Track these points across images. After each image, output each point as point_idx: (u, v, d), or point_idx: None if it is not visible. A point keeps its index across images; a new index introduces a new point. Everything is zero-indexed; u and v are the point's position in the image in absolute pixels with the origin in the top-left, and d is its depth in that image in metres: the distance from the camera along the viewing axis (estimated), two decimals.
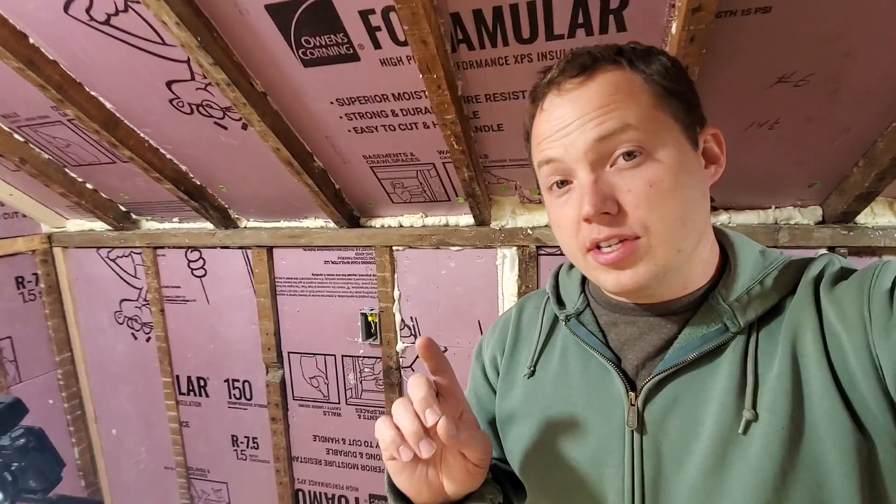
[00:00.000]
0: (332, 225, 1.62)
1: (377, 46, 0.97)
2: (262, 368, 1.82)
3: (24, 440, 1.11)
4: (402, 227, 1.55)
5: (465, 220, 1.50)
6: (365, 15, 0.91)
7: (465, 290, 1.54)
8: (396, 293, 1.60)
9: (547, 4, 0.85)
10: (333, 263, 1.66)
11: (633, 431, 0.49)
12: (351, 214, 1.57)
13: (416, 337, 1.62)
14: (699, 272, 0.50)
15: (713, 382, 0.47)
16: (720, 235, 0.54)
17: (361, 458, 1.78)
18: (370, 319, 1.64)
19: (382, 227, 1.57)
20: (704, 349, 0.47)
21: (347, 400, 1.75)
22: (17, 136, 1.47)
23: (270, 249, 1.72)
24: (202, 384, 1.93)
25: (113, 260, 1.94)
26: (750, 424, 0.43)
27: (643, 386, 0.49)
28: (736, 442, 0.44)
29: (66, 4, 0.99)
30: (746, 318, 0.47)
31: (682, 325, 0.50)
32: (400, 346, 1.64)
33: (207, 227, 1.76)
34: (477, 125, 1.15)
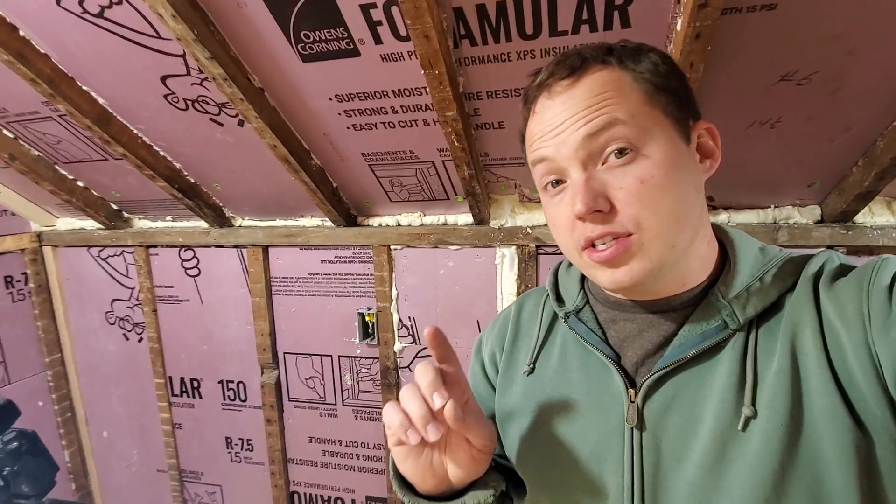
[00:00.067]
0: (328, 224, 1.60)
1: (378, 41, 0.95)
2: (256, 369, 1.79)
3: (16, 443, 1.08)
4: (400, 226, 1.54)
5: (463, 219, 1.49)
6: (366, 9, 0.89)
7: (463, 289, 1.53)
8: (394, 293, 1.59)
9: (552, 0, 0.84)
10: (330, 263, 1.65)
11: (632, 428, 0.49)
12: (348, 213, 1.55)
13: (414, 337, 1.61)
14: (697, 268, 0.50)
15: (713, 379, 0.47)
16: (719, 232, 0.54)
17: (358, 459, 1.77)
18: (367, 319, 1.63)
19: (380, 226, 1.55)
20: (704, 346, 0.47)
21: (344, 401, 1.73)
22: (6, 132, 1.44)
23: (266, 248, 1.70)
24: (195, 385, 1.90)
25: (104, 259, 1.91)
26: (749, 421, 0.44)
27: (643, 383, 0.49)
28: (735, 439, 0.44)
29: None
30: (746, 315, 0.47)
31: (681, 321, 0.50)
32: (398, 346, 1.62)
33: (202, 225, 1.74)
34: (477, 123, 1.14)
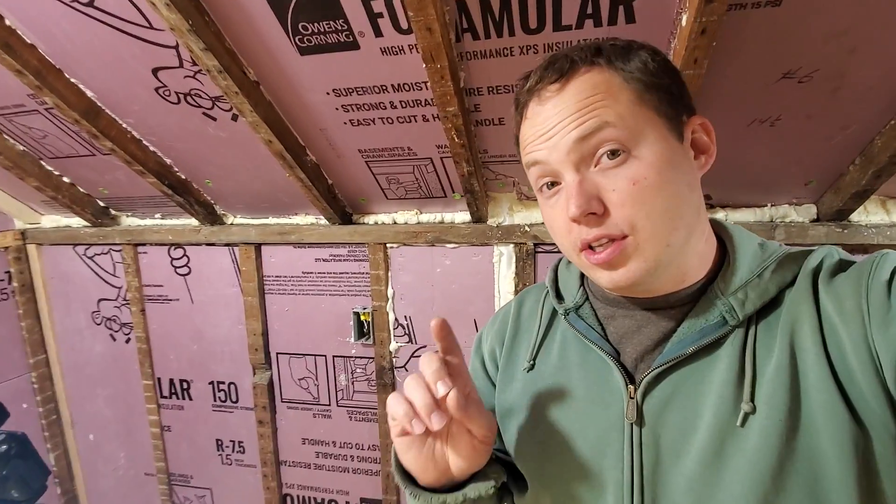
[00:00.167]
0: (323, 221, 1.58)
1: (378, 34, 0.93)
2: (248, 370, 1.76)
3: (5, 447, 1.03)
4: (396, 223, 1.52)
5: (460, 216, 1.47)
6: (367, 0, 0.87)
7: (460, 288, 1.52)
8: (390, 292, 1.57)
9: None
10: (325, 261, 1.62)
11: (631, 424, 0.49)
12: (343, 211, 1.53)
13: (410, 336, 1.59)
14: (695, 265, 0.50)
15: (712, 375, 0.47)
16: (719, 228, 0.54)
17: (352, 461, 1.74)
18: (363, 319, 1.61)
19: (376, 223, 1.53)
20: (703, 343, 0.47)
21: (338, 401, 1.71)
22: None
23: (259, 247, 1.66)
24: (185, 387, 1.86)
25: (90, 258, 1.86)
26: (748, 417, 0.44)
27: (642, 379, 0.49)
28: (734, 434, 0.44)
29: None
30: (745, 311, 0.47)
31: (680, 318, 0.50)
32: (393, 345, 1.60)
33: (192, 223, 1.70)
34: (478, 119, 1.12)
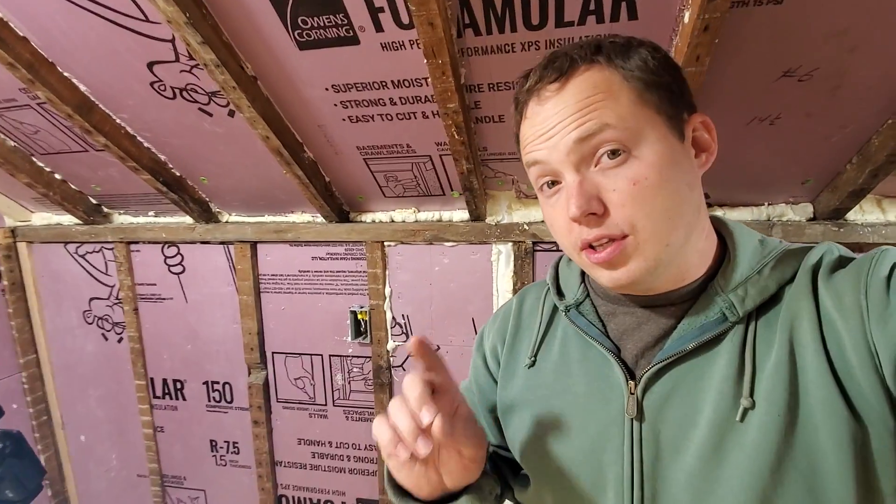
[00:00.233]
0: (320, 219, 1.56)
1: (379, 29, 0.92)
2: (243, 370, 1.74)
3: (0, 445, 0.99)
4: (393, 222, 1.51)
5: (459, 215, 1.47)
6: None
7: (458, 286, 1.51)
8: (388, 290, 1.56)
9: None
10: (321, 259, 1.61)
11: (632, 419, 0.50)
12: (340, 209, 1.52)
13: (407, 335, 1.58)
14: (695, 262, 0.51)
15: (711, 371, 0.47)
16: (719, 224, 0.54)
17: (349, 461, 1.73)
18: (360, 317, 1.59)
19: (374, 222, 1.52)
20: (703, 339, 0.47)
21: (335, 401, 1.69)
22: None
23: (254, 245, 1.65)
24: (179, 387, 1.84)
25: (82, 256, 1.83)
26: (747, 412, 0.44)
27: (642, 375, 0.50)
28: (733, 429, 0.44)
29: None
30: (745, 307, 0.47)
31: (680, 315, 0.51)
32: (391, 344, 1.59)
33: (186, 221, 1.68)
34: (478, 116, 1.11)
